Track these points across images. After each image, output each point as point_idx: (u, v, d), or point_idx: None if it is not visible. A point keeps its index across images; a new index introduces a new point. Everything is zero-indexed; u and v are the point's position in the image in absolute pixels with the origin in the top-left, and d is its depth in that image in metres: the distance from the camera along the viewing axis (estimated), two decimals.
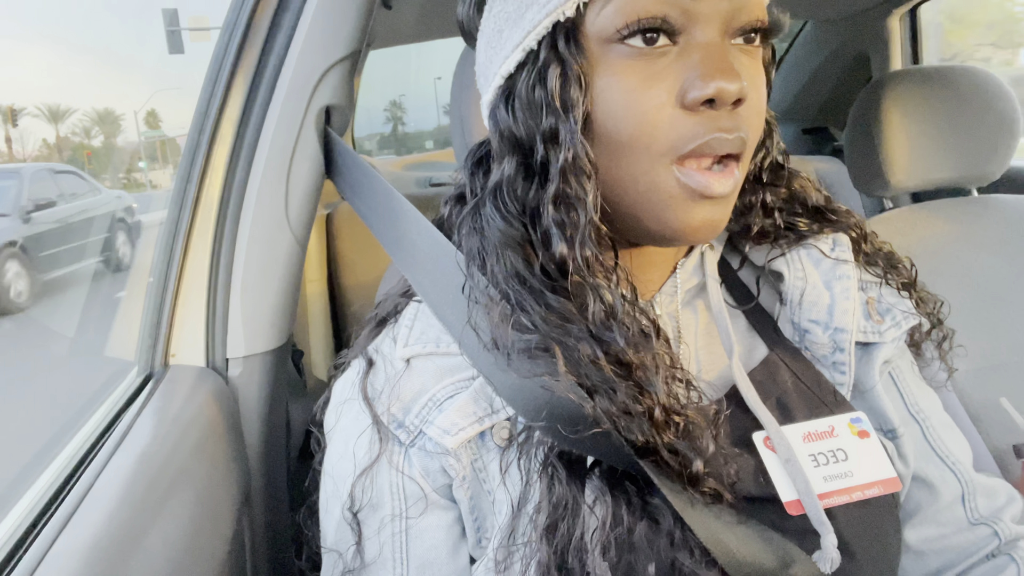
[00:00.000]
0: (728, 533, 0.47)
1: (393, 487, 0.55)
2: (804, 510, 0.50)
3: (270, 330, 0.84)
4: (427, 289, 0.59)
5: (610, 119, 0.48)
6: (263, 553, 0.84)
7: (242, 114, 0.79)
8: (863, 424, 0.55)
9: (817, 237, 0.61)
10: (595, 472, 0.50)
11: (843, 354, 0.58)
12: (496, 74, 0.53)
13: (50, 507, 0.56)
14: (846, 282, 0.59)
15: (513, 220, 0.52)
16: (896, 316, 0.60)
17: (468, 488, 0.54)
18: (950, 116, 1.06)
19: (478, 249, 0.54)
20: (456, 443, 0.52)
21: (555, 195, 0.49)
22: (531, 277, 0.50)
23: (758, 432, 0.53)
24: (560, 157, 0.49)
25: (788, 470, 0.51)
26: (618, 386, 0.47)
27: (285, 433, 0.94)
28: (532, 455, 0.50)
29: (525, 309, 0.50)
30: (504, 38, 0.51)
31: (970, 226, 1.06)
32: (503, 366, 0.50)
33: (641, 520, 0.48)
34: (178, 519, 0.61)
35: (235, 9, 0.78)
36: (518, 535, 0.50)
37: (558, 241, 0.49)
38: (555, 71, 0.48)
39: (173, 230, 0.81)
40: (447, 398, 0.54)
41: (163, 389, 0.76)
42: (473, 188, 0.58)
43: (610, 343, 0.48)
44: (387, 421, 0.55)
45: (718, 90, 0.46)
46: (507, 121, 0.52)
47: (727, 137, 0.47)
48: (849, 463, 0.53)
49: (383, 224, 0.69)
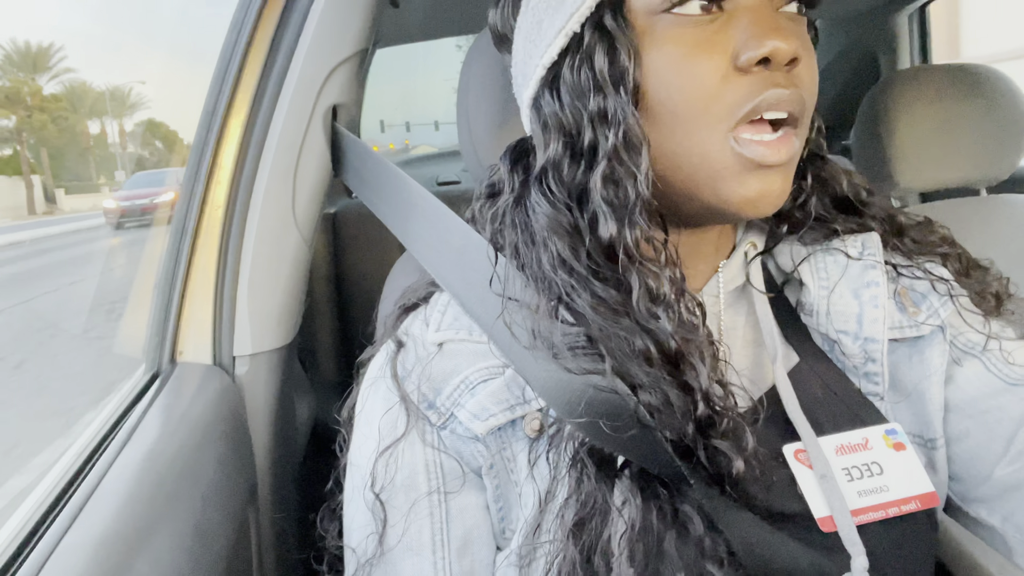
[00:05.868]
0: (761, 542, 0.46)
1: (429, 464, 0.53)
2: (836, 527, 0.48)
3: (277, 328, 0.84)
4: (452, 282, 0.59)
5: (662, 89, 0.48)
6: (270, 550, 0.84)
7: (249, 113, 0.79)
8: (899, 436, 0.52)
9: (844, 238, 0.58)
10: (625, 472, 0.48)
11: (876, 364, 0.55)
12: (538, 66, 0.52)
13: (59, 503, 0.57)
14: (875, 289, 0.56)
15: (560, 205, 0.51)
16: (932, 304, 0.56)
17: (495, 476, 0.53)
18: (959, 115, 1.05)
19: (520, 241, 0.53)
20: (485, 429, 0.51)
21: (605, 174, 0.48)
22: (577, 264, 0.49)
23: (789, 444, 0.51)
24: (610, 135, 0.48)
25: (823, 486, 0.49)
26: (665, 382, 0.46)
27: (292, 431, 0.94)
28: (562, 449, 0.49)
29: (571, 299, 0.49)
30: (544, 28, 0.51)
31: (979, 226, 1.05)
32: (541, 361, 0.49)
33: (671, 527, 0.46)
34: (185, 516, 0.61)
35: (242, 8, 0.78)
36: (543, 531, 0.48)
37: (607, 221, 0.48)
38: (602, 48, 0.48)
39: (181, 228, 0.81)
40: (480, 382, 0.53)
41: (170, 387, 0.77)
42: (511, 183, 0.57)
43: (657, 332, 0.47)
44: (417, 400, 0.54)
45: (773, 49, 0.45)
46: (552, 107, 0.51)
47: (784, 92, 0.46)
48: (884, 477, 0.50)
49: (399, 218, 0.69)
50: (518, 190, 0.55)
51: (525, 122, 0.58)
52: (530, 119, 0.56)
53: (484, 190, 0.61)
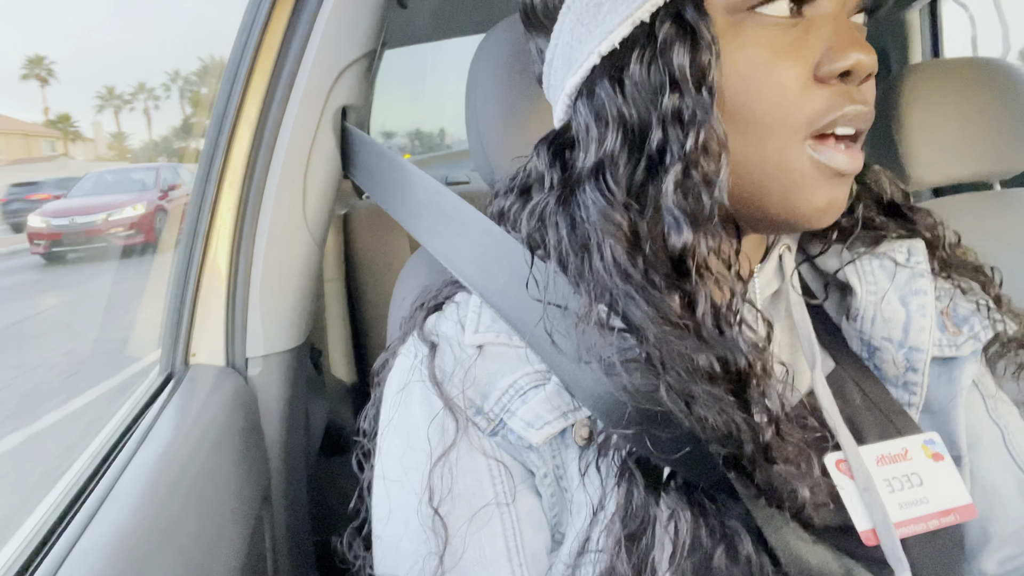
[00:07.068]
0: (810, 557, 0.44)
1: (493, 470, 0.50)
2: (879, 541, 0.47)
3: (289, 329, 0.85)
4: (480, 283, 0.55)
5: (741, 94, 0.46)
6: (284, 551, 0.85)
7: (259, 115, 0.79)
8: (937, 446, 0.51)
9: (891, 243, 0.57)
10: (671, 484, 0.46)
11: (916, 374, 0.54)
12: (592, 53, 0.48)
13: (76, 503, 0.57)
14: (923, 298, 0.54)
15: (617, 204, 0.46)
16: (974, 327, 0.56)
17: (549, 485, 0.50)
18: (971, 109, 1.04)
19: (567, 242, 0.49)
20: (541, 438, 0.48)
21: (678, 179, 0.45)
22: (634, 270, 0.45)
23: (830, 455, 0.49)
24: (688, 137, 0.44)
25: (865, 499, 0.47)
26: (727, 403, 0.43)
27: (304, 432, 0.95)
28: (610, 459, 0.47)
29: (627, 309, 0.45)
30: (604, 12, 0.47)
31: (993, 221, 1.04)
32: (587, 372, 0.47)
33: (720, 544, 0.44)
34: (200, 517, 0.62)
35: (251, 11, 0.78)
36: (592, 543, 0.46)
37: (680, 228, 0.45)
38: (682, 43, 0.45)
39: (192, 230, 0.82)
40: (531, 387, 0.50)
41: (184, 388, 0.77)
42: (551, 178, 0.52)
43: (722, 349, 0.44)
44: (463, 405, 0.50)
45: (857, 62, 0.44)
46: (614, 100, 0.47)
47: (864, 109, 0.45)
48: (924, 488, 0.49)
49: (414, 216, 0.68)
50: (561, 186, 0.51)
51: (559, 110, 0.53)
52: (573, 109, 0.51)
53: (512, 185, 0.57)
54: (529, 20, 0.55)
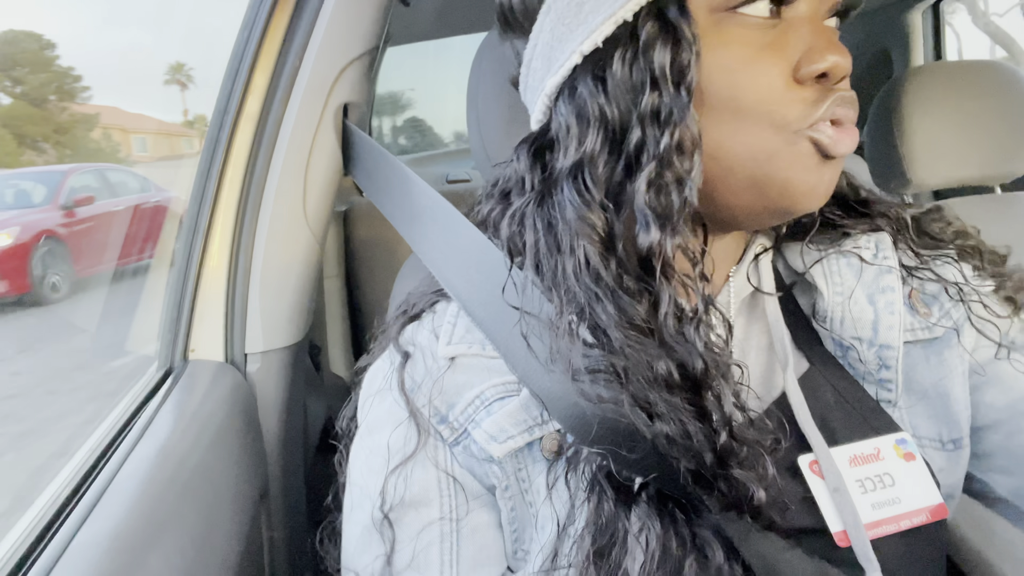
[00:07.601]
0: (780, 562, 0.45)
1: (442, 483, 0.51)
2: (850, 542, 0.47)
3: (288, 326, 0.85)
4: (461, 290, 0.56)
5: (726, 88, 0.46)
6: (281, 547, 0.85)
7: (261, 112, 0.79)
8: (908, 446, 0.51)
9: (856, 239, 0.57)
10: (642, 496, 0.46)
11: (889, 371, 0.53)
12: (574, 52, 0.48)
13: (73, 498, 0.57)
14: (890, 295, 0.54)
15: (594, 205, 0.47)
16: (944, 305, 0.55)
17: (511, 498, 0.50)
18: (972, 112, 1.04)
19: (543, 244, 0.49)
20: (503, 452, 0.49)
21: (651, 177, 0.45)
22: (605, 272, 0.46)
23: (803, 456, 0.49)
24: (663, 135, 0.45)
25: (836, 500, 0.48)
26: (684, 412, 0.44)
27: (302, 428, 0.95)
28: (580, 472, 0.47)
29: (594, 311, 0.46)
30: (586, 11, 0.47)
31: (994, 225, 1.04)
32: (556, 380, 0.47)
33: (691, 554, 0.44)
34: (197, 512, 0.62)
35: (253, 8, 0.78)
36: (561, 557, 0.46)
37: (648, 227, 0.45)
38: (664, 43, 0.45)
39: (193, 226, 0.82)
40: (496, 399, 0.51)
41: (183, 384, 0.77)
42: (531, 180, 0.52)
43: (681, 353, 0.45)
44: (428, 414, 0.51)
45: (834, 64, 0.45)
46: (596, 99, 0.47)
47: (846, 94, 0.46)
48: (896, 489, 0.49)
49: (407, 219, 0.68)
50: (540, 188, 0.51)
51: (538, 111, 0.53)
52: (553, 109, 0.51)
53: (493, 190, 0.57)
54: (507, 21, 0.54)
